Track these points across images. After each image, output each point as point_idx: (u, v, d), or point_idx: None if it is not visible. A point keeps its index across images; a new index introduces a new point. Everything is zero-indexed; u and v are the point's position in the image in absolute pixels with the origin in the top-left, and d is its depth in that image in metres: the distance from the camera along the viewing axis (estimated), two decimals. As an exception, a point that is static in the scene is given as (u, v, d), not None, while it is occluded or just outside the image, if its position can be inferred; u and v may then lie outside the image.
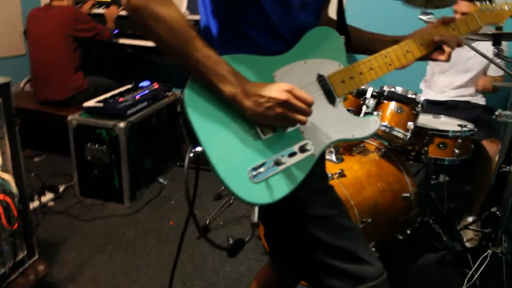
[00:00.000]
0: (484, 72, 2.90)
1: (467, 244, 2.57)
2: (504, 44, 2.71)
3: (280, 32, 1.11)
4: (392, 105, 2.22)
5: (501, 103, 2.06)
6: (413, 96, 2.21)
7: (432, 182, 2.59)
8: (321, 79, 1.14)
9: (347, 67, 1.18)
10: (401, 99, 2.21)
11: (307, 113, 1.03)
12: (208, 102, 1.03)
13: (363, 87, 2.24)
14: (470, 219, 2.66)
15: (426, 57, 1.28)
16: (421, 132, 2.34)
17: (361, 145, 2.46)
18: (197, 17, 1.20)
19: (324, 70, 1.15)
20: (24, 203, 1.95)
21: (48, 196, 2.93)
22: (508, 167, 2.09)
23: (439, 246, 2.56)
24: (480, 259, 2.17)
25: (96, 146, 2.86)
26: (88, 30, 3.37)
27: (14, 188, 1.84)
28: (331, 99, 1.14)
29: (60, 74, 3.31)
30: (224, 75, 1.00)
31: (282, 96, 0.99)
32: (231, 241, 1.06)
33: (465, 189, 3.21)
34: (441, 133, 2.32)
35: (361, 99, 2.22)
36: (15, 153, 1.91)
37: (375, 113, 2.22)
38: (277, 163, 1.04)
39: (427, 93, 3.08)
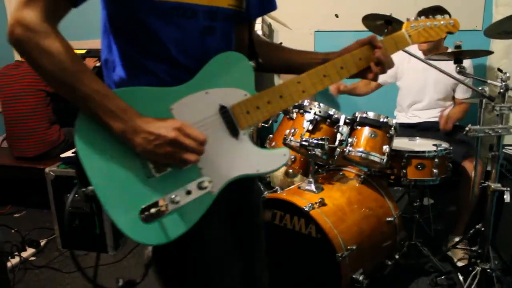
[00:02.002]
0: (452, 91, 2.97)
1: (459, 263, 2.55)
2: (468, 62, 2.81)
3: (181, 61, 1.06)
4: (366, 131, 2.24)
5: (473, 119, 2.09)
6: (386, 120, 2.23)
7: (415, 205, 2.59)
8: (223, 111, 1.07)
9: (253, 96, 1.10)
10: (374, 123, 2.24)
11: (198, 152, 0.98)
12: (99, 138, 0.97)
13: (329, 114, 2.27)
14: (457, 238, 2.64)
15: (351, 77, 1.22)
16: (398, 155, 2.36)
17: (340, 173, 2.47)
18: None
19: (228, 100, 1.08)
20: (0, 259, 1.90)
21: (29, 251, 2.86)
22: (486, 182, 2.10)
23: (430, 268, 2.53)
24: (470, 278, 2.15)
25: (76, 196, 2.81)
26: None
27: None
28: (234, 132, 1.08)
29: (35, 129, 3.30)
30: (113, 110, 0.95)
31: (170, 134, 0.94)
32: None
33: (450, 209, 3.22)
34: (418, 154, 2.34)
35: (335, 127, 2.24)
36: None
37: (350, 139, 2.24)
38: (172, 202, 0.99)
39: (400, 117, 3.13)
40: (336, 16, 3.68)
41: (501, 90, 1.92)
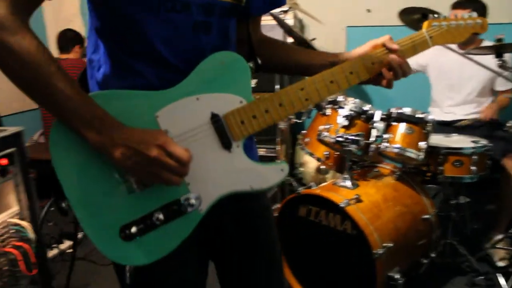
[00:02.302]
0: (490, 86, 2.89)
1: (499, 263, 2.50)
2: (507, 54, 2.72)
3: (172, 61, 0.95)
4: (402, 127, 2.21)
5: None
6: (422, 116, 2.20)
7: (452, 203, 2.54)
8: (215, 120, 0.96)
9: (249, 104, 0.98)
10: (410, 119, 2.20)
11: (181, 174, 0.88)
12: (75, 148, 0.88)
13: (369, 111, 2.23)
14: (498, 236, 2.58)
15: (361, 83, 1.11)
16: (434, 152, 2.31)
17: (375, 170, 2.44)
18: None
19: (221, 107, 0.96)
20: (42, 249, 1.95)
21: (67, 244, 2.93)
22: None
23: (467, 268, 2.48)
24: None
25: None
26: None
27: (31, 235, 1.86)
28: (226, 143, 0.96)
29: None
30: (89, 120, 0.85)
31: (151, 152, 0.84)
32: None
33: (487, 208, 3.14)
34: (455, 151, 2.30)
35: (370, 123, 2.22)
36: (31, 200, 1.93)
37: (386, 135, 2.20)
38: (155, 219, 0.91)
39: (435, 114, 3.07)
40: (368, 11, 3.63)
41: (546, 85, 1.87)
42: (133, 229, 0.90)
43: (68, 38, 3.57)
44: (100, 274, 2.64)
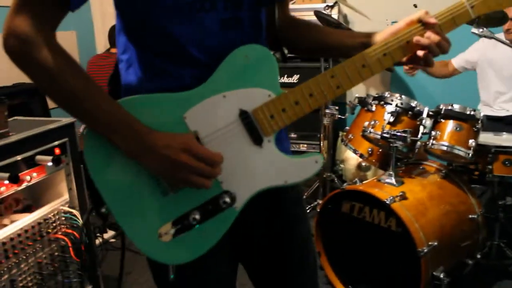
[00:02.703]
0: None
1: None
2: None
3: (203, 61, 0.93)
4: (451, 124, 2.16)
5: None
6: (472, 113, 2.14)
7: (500, 203, 2.45)
8: (243, 116, 0.93)
9: (278, 97, 0.95)
10: (459, 116, 2.15)
11: (212, 176, 0.88)
12: (109, 153, 0.89)
13: (416, 107, 2.19)
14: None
15: (396, 64, 1.03)
16: (483, 150, 2.24)
17: (420, 167, 2.39)
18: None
19: (249, 103, 0.94)
20: (89, 237, 2.01)
21: (110, 233, 3.01)
22: None
23: (515, 271, 2.40)
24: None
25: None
26: None
27: (80, 223, 1.92)
28: (257, 139, 0.94)
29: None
30: (118, 129, 0.86)
31: (179, 157, 0.84)
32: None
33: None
34: (506, 150, 2.22)
35: (417, 119, 2.17)
36: (81, 189, 1.99)
37: (433, 132, 2.15)
38: (191, 219, 0.92)
39: (485, 111, 2.98)
40: (415, 6, 3.54)
41: None
42: (170, 229, 0.91)
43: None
44: (140, 263, 2.70)
